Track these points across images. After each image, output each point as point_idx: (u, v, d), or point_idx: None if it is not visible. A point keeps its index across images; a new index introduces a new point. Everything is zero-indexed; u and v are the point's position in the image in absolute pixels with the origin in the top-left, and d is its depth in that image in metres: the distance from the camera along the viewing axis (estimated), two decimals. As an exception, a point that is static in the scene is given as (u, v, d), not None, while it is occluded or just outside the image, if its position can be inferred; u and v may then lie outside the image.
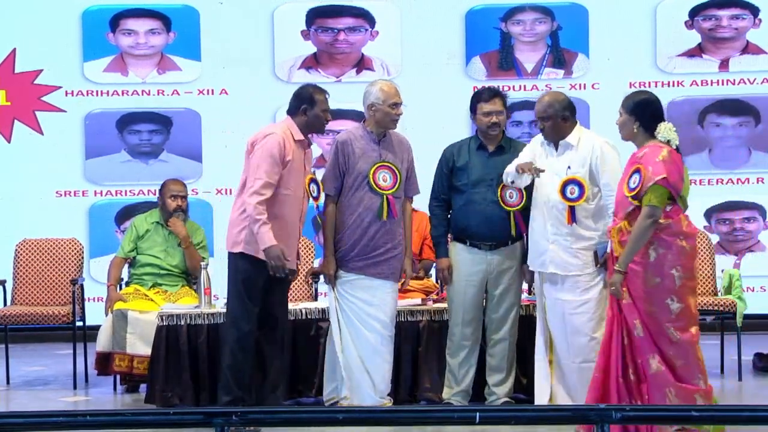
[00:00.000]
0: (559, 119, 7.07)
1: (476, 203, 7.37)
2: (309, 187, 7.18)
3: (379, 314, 7.30)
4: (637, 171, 6.33)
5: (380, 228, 7.26)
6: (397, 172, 7.30)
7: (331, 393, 7.46)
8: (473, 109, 7.49)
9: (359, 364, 7.30)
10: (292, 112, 7.19)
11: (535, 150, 7.23)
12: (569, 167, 7.04)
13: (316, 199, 7.27)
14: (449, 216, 7.52)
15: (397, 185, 7.29)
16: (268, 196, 6.94)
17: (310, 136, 7.24)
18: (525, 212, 7.35)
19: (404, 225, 7.38)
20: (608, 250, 6.70)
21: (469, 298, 7.44)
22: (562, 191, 7.00)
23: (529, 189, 7.25)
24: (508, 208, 7.36)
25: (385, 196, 7.26)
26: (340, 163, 7.31)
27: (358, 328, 7.30)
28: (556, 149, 7.13)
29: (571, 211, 6.98)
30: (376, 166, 7.28)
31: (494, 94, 7.46)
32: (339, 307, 7.35)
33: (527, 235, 7.32)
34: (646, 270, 6.32)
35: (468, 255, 7.41)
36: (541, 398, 7.19)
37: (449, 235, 7.55)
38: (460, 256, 7.44)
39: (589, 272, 7.02)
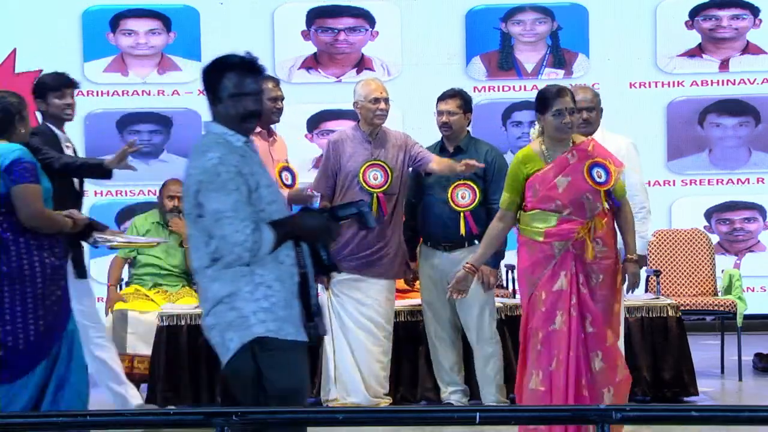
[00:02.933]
0: (599, 110, 7.10)
1: (432, 204, 7.42)
2: (280, 175, 7.23)
3: (372, 313, 7.31)
4: (602, 165, 6.24)
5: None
6: (388, 170, 7.31)
7: (324, 395, 7.48)
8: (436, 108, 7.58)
9: (352, 364, 7.31)
10: None
11: None
12: None
13: (289, 187, 7.28)
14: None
15: (387, 183, 7.31)
16: None
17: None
18: (477, 213, 7.32)
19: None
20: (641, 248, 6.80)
21: (434, 297, 7.45)
22: None
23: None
24: (459, 209, 7.35)
25: (374, 195, 7.26)
26: (331, 163, 7.39)
27: (351, 327, 7.32)
28: None
29: None
30: (366, 164, 7.31)
31: (451, 94, 7.51)
32: (332, 307, 7.37)
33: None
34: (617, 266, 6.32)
35: (428, 255, 7.46)
36: None
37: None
38: (422, 257, 7.52)
39: None
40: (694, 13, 10.72)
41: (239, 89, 4.99)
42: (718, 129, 10.74)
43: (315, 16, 10.80)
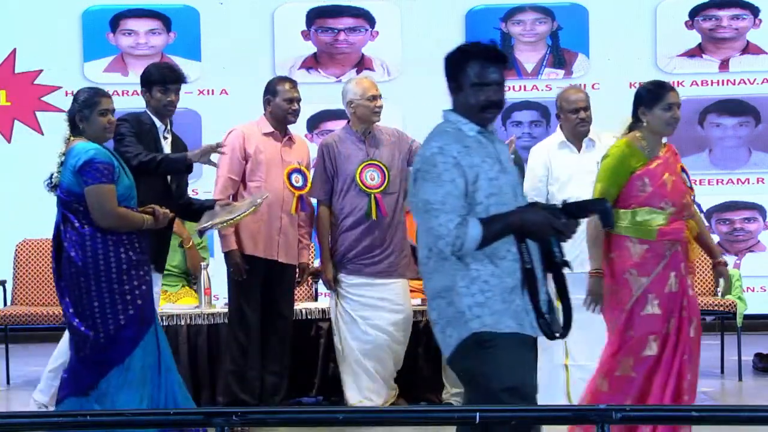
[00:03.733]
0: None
1: None
2: (290, 177, 7.21)
3: (386, 315, 7.22)
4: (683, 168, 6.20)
5: (374, 227, 7.24)
6: (385, 169, 7.26)
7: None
8: None
9: (362, 367, 7.26)
10: (263, 106, 7.36)
11: (549, 157, 7.11)
12: (598, 163, 6.71)
13: (299, 189, 7.26)
14: None
15: (385, 183, 7.26)
16: (229, 192, 7.20)
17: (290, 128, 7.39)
18: None
19: None
20: None
21: None
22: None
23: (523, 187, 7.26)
24: None
25: (372, 195, 7.24)
26: (327, 167, 7.32)
27: (362, 328, 7.24)
28: (578, 148, 7.07)
29: None
30: (362, 165, 7.26)
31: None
32: (341, 310, 7.33)
33: None
34: None
35: None
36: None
37: None
38: None
39: None
40: (694, 13, 10.72)
41: (481, 79, 4.85)
42: (718, 129, 10.74)
43: (315, 16, 10.80)
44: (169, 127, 6.81)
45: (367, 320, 7.27)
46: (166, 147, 6.78)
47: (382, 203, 7.26)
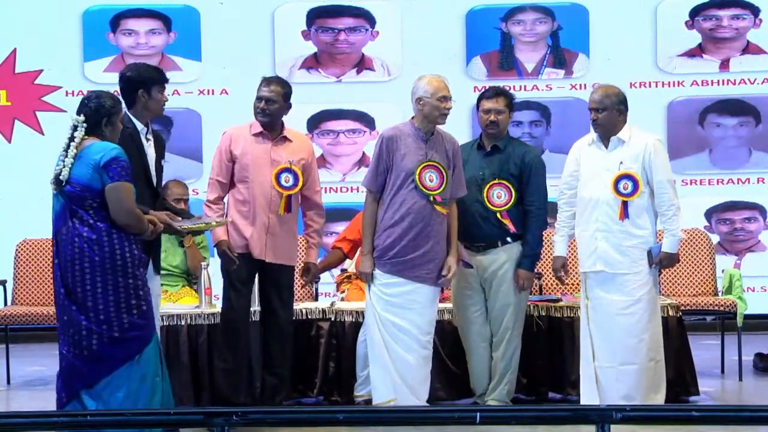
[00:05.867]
0: (614, 111, 7.03)
1: (466, 203, 7.25)
2: (278, 177, 7.18)
3: (415, 317, 7.07)
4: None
5: (422, 230, 7.00)
6: (443, 172, 7.02)
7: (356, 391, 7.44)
8: (477, 106, 7.49)
9: (386, 365, 7.11)
10: None
11: (581, 153, 7.14)
12: (621, 162, 7.00)
13: (288, 189, 7.20)
14: None
15: (443, 186, 7.01)
16: (217, 195, 7.26)
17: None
18: (513, 213, 7.28)
19: (450, 227, 7.12)
20: (664, 249, 6.89)
21: (464, 299, 7.41)
22: (615, 186, 6.97)
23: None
24: (494, 208, 7.31)
25: (431, 197, 7.01)
26: (384, 159, 7.05)
27: (390, 329, 7.10)
28: (606, 146, 7.09)
29: (624, 206, 6.96)
30: (422, 165, 7.00)
31: (498, 93, 7.44)
32: (372, 306, 7.14)
33: (530, 235, 7.29)
34: None
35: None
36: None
37: None
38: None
39: (638, 271, 6.97)
40: (695, 13, 10.72)
41: None
42: (718, 129, 10.74)
43: (315, 16, 10.80)
44: (149, 127, 6.79)
45: (396, 322, 7.07)
46: (149, 149, 6.75)
47: (440, 206, 7.01)
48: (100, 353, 6.02)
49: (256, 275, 7.35)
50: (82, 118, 6.14)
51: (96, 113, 6.15)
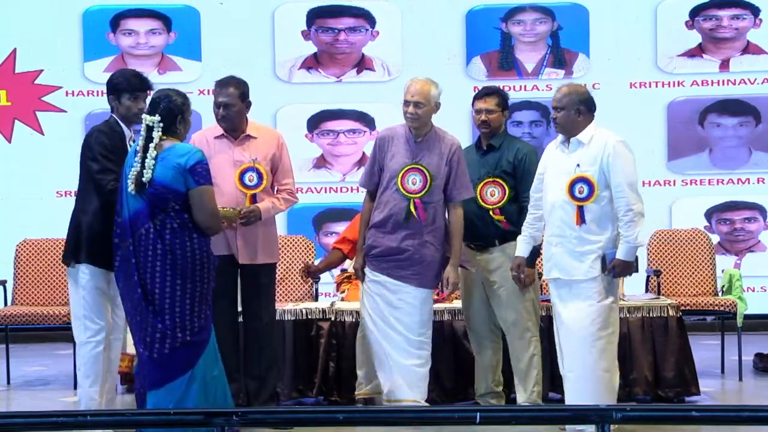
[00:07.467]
0: (573, 111, 6.74)
1: (465, 202, 7.22)
2: (242, 176, 7.14)
3: (403, 317, 7.08)
4: None
5: (406, 231, 7.03)
6: (428, 175, 7.03)
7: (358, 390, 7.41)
8: (473, 107, 7.50)
9: (382, 362, 7.12)
10: None
11: (549, 154, 6.96)
12: (578, 165, 6.71)
13: (251, 188, 7.16)
14: None
15: (426, 189, 7.02)
16: None
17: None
18: (508, 210, 7.27)
19: (453, 231, 7.10)
20: (618, 255, 6.59)
21: (466, 297, 7.42)
22: (570, 190, 6.68)
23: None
24: (487, 206, 7.30)
25: (411, 200, 7.05)
26: (378, 159, 7.14)
27: (382, 328, 7.10)
28: (568, 148, 6.84)
29: (580, 211, 6.65)
30: (406, 168, 7.03)
31: (489, 92, 7.44)
32: (364, 304, 7.14)
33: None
34: None
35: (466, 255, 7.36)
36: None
37: None
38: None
39: (593, 277, 6.66)
40: (695, 13, 10.72)
41: None
42: (718, 129, 10.74)
43: (315, 16, 10.81)
44: (132, 134, 6.80)
45: (385, 318, 7.08)
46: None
47: (421, 209, 7.03)
48: (169, 358, 6.01)
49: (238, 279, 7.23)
50: (157, 118, 6.10)
51: (170, 113, 6.14)
